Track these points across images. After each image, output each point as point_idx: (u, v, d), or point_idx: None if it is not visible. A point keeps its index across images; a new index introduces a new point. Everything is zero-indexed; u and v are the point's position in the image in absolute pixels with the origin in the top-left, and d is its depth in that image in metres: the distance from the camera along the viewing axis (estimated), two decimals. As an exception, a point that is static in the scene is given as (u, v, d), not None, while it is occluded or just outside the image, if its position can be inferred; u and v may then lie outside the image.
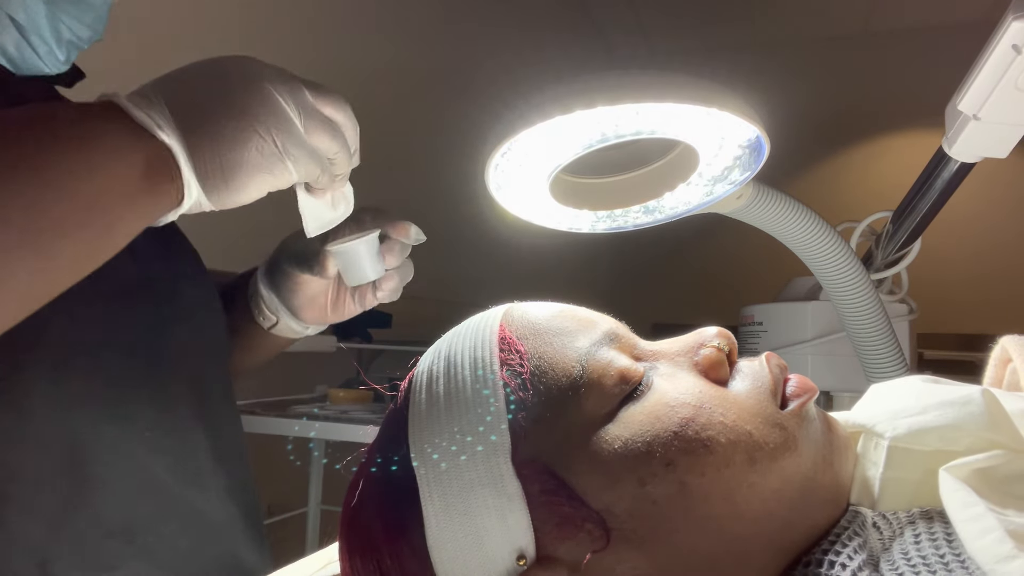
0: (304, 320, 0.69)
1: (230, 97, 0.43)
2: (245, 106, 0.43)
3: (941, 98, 0.68)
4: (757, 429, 0.36)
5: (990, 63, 0.57)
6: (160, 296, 0.60)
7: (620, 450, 0.35)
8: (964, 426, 0.37)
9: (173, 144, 0.41)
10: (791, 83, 3.54)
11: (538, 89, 0.48)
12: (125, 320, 0.55)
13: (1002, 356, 0.50)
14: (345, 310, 0.68)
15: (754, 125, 0.50)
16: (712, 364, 0.40)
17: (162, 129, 0.41)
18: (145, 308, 0.58)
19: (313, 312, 0.68)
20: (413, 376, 0.41)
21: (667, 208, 0.65)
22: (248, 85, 0.43)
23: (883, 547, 0.34)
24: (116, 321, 0.41)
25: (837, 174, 3.92)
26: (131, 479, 0.54)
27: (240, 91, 0.43)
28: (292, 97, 0.44)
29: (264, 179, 0.45)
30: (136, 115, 0.40)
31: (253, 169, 0.44)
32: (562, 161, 0.54)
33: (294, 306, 0.67)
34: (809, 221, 0.78)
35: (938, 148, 0.73)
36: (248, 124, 0.43)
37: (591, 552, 0.34)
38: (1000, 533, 0.30)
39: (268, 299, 0.68)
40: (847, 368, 1.08)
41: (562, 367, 0.38)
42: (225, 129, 0.42)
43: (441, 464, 0.36)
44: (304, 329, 0.71)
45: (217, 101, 0.42)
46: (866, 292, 0.82)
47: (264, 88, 0.43)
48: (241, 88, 0.43)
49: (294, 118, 0.44)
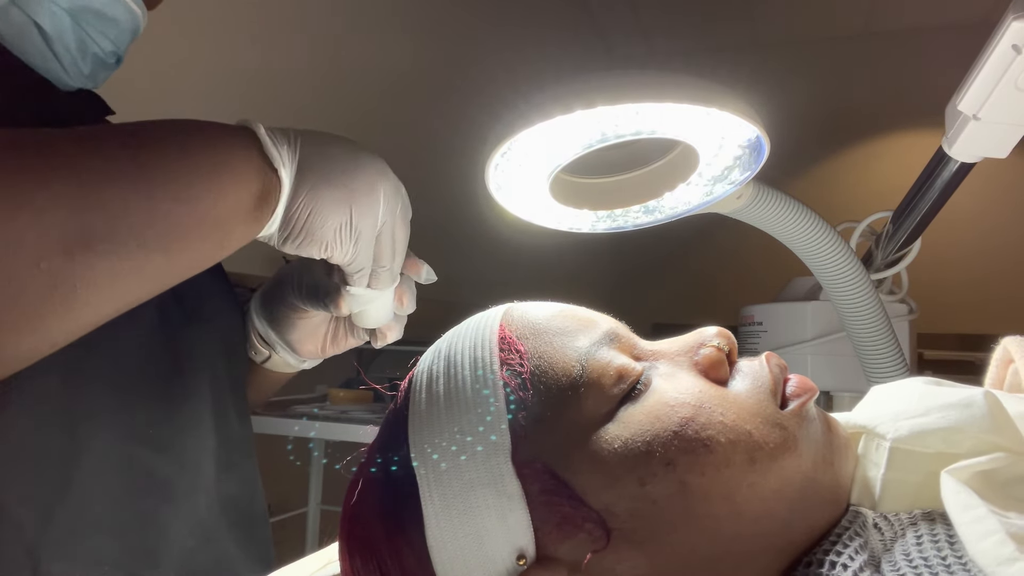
0: (301, 354, 0.67)
1: (349, 174, 0.48)
2: (355, 189, 0.48)
3: (941, 98, 0.68)
4: (757, 429, 0.36)
5: (990, 63, 0.57)
6: (176, 293, 0.60)
7: (620, 450, 0.35)
8: (966, 428, 0.37)
9: (285, 181, 0.46)
10: (791, 83, 3.54)
11: (538, 89, 0.48)
12: (139, 316, 0.55)
13: (1004, 357, 0.50)
14: (344, 344, 0.66)
15: (754, 125, 0.50)
16: (712, 364, 0.40)
17: (284, 166, 0.46)
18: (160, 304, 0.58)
19: (311, 346, 0.66)
20: (413, 376, 0.41)
21: (667, 208, 0.65)
22: (371, 175, 0.49)
23: (884, 548, 0.34)
24: (129, 316, 0.42)
25: (837, 174, 3.91)
26: (127, 475, 0.53)
27: (359, 174, 0.49)
28: (391, 204, 0.51)
29: (325, 247, 0.49)
30: (268, 149, 0.45)
31: (328, 234, 0.48)
32: (562, 161, 0.54)
33: (292, 339, 0.65)
34: (809, 221, 0.78)
35: (938, 148, 0.73)
36: (347, 201, 0.48)
37: (591, 552, 0.34)
38: (1002, 535, 0.30)
39: (264, 332, 0.66)
40: (847, 368, 1.08)
41: (562, 367, 0.38)
42: (328, 192, 0.47)
43: (441, 464, 0.36)
44: (300, 363, 0.69)
45: (339, 169, 0.48)
46: (866, 292, 0.82)
47: (378, 186, 0.49)
48: (361, 173, 0.49)
49: (379, 218, 0.50)
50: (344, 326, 0.66)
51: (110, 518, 0.52)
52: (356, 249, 0.50)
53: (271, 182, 0.46)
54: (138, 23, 0.60)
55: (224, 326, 0.66)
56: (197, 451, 0.59)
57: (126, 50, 0.61)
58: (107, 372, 0.53)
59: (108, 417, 0.52)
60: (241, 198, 0.44)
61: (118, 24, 0.58)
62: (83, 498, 0.50)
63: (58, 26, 0.54)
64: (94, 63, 0.59)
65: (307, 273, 0.59)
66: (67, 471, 0.50)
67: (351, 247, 0.50)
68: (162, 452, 0.56)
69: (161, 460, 0.56)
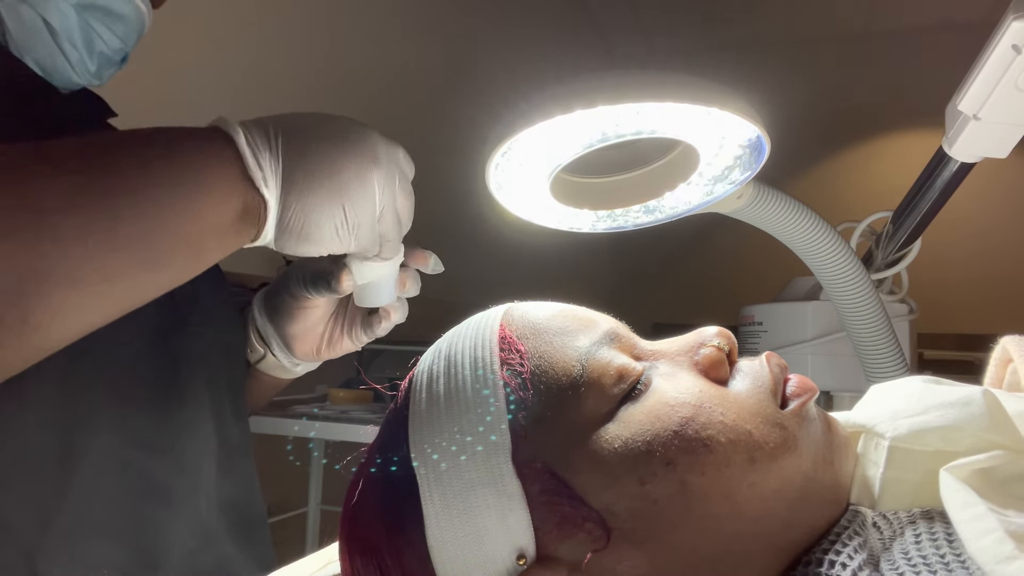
0: (295, 354, 0.66)
1: (336, 168, 0.46)
2: (345, 184, 0.46)
3: (941, 98, 0.68)
4: (757, 428, 0.36)
5: (990, 63, 0.57)
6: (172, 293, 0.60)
7: (620, 449, 0.35)
8: (965, 427, 0.37)
9: (271, 201, 0.45)
10: (791, 83, 3.54)
11: (539, 88, 0.48)
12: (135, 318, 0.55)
13: (1003, 356, 0.50)
14: (340, 347, 0.66)
15: (754, 125, 0.50)
16: (712, 363, 0.40)
17: (267, 186, 0.44)
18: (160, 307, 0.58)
19: (307, 345, 0.65)
20: (413, 376, 0.41)
21: (667, 208, 0.65)
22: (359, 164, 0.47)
23: (883, 547, 0.34)
24: (126, 319, 0.42)
25: (837, 174, 3.91)
26: (125, 478, 0.53)
27: (347, 166, 0.46)
28: (386, 186, 0.48)
29: (330, 244, 0.48)
30: (251, 168, 0.43)
31: (326, 236, 0.47)
32: (562, 160, 0.54)
33: (288, 335, 0.65)
34: (809, 221, 0.78)
35: (938, 148, 0.73)
36: (339, 200, 0.46)
37: (591, 552, 0.34)
38: (1001, 534, 0.30)
39: (262, 326, 0.66)
40: (847, 368, 1.08)
41: (562, 366, 0.38)
42: (318, 197, 0.46)
43: (441, 464, 0.36)
44: (293, 367, 0.68)
45: (325, 170, 0.46)
46: (866, 292, 0.82)
47: (369, 175, 0.47)
48: (349, 164, 0.46)
49: (376, 205, 0.48)
50: (342, 327, 0.65)
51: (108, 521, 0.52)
52: (358, 240, 0.49)
53: (253, 200, 0.44)
54: (144, 21, 0.61)
55: (221, 326, 0.65)
56: (196, 453, 0.59)
57: (133, 47, 0.62)
58: (104, 375, 0.53)
59: (105, 420, 0.52)
60: (220, 218, 0.43)
61: (125, 21, 0.59)
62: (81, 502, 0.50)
63: (66, 23, 0.55)
64: (100, 61, 0.59)
65: (311, 262, 0.59)
66: (65, 475, 0.50)
67: (352, 240, 0.49)
68: (160, 454, 0.56)
69: (159, 462, 0.56)
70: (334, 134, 0.47)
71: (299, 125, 0.46)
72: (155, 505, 0.55)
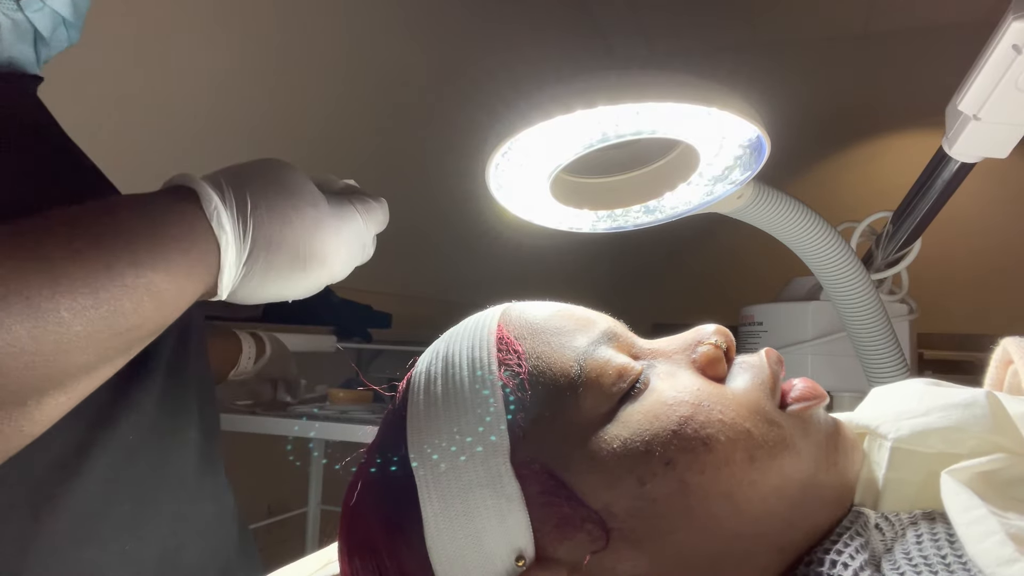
0: None
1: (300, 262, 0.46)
2: (309, 268, 0.47)
3: (941, 98, 0.67)
4: (755, 426, 0.36)
5: (990, 63, 0.57)
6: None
7: (619, 449, 0.35)
8: (967, 428, 0.37)
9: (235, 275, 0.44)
10: (791, 83, 3.54)
11: (539, 88, 0.48)
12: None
13: (1003, 357, 0.50)
14: None
15: (755, 125, 0.50)
16: (710, 361, 0.40)
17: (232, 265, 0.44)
18: None
19: None
20: (411, 377, 0.41)
21: (667, 208, 0.65)
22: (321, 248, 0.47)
23: (885, 548, 0.34)
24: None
25: (837, 174, 3.92)
26: (111, 481, 0.53)
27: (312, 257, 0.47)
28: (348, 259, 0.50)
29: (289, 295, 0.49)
30: (222, 244, 0.43)
31: (284, 294, 0.48)
32: (562, 161, 0.54)
33: None
34: (809, 221, 0.78)
35: (938, 148, 0.72)
36: (303, 281, 0.47)
37: (591, 552, 0.34)
38: (1001, 536, 0.30)
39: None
40: (847, 368, 1.08)
41: (560, 366, 0.38)
42: (282, 266, 0.46)
43: (440, 465, 0.36)
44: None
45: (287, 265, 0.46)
46: (866, 292, 0.82)
47: (329, 259, 0.48)
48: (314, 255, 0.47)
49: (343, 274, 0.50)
50: None
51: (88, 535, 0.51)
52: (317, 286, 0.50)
53: (216, 268, 0.44)
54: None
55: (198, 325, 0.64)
56: (182, 454, 0.58)
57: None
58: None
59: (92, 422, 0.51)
60: (187, 290, 0.42)
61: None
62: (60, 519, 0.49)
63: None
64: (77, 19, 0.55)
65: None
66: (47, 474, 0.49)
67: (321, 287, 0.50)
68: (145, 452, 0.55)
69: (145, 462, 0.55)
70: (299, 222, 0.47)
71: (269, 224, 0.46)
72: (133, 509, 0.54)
